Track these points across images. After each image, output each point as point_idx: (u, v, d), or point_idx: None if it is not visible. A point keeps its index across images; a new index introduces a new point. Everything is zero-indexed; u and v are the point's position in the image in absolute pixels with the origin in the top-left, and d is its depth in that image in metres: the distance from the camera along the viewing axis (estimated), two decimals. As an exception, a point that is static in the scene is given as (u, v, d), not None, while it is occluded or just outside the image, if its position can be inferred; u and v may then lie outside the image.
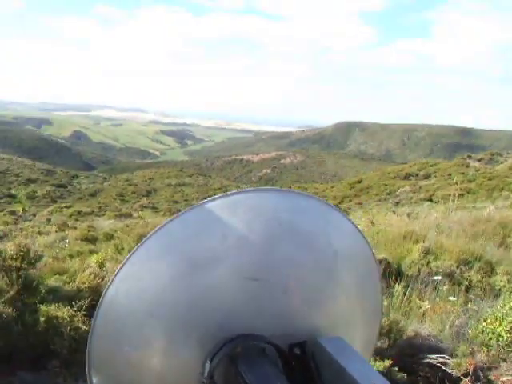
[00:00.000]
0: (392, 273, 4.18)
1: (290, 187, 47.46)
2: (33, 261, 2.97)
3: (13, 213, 21.93)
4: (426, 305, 3.62)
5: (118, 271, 0.78)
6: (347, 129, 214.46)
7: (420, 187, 30.33)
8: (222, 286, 0.77)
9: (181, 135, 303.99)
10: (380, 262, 4.09)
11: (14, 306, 2.71)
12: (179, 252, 0.78)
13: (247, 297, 0.78)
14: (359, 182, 42.35)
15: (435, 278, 4.01)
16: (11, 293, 2.81)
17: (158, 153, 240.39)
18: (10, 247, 2.99)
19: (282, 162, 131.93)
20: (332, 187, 44.14)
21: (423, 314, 3.54)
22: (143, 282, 0.77)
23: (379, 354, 2.68)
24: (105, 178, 63.35)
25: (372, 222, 8.66)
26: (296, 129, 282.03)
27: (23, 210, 23.74)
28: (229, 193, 0.82)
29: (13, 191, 42.48)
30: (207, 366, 0.73)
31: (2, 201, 34.45)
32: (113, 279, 0.78)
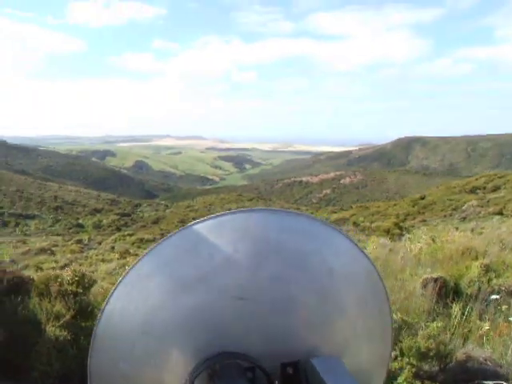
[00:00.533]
0: (449, 292, 4.02)
1: (351, 207, 46.93)
2: (87, 285, 3.10)
3: (79, 241, 22.91)
4: (486, 326, 3.44)
5: (113, 291, 0.80)
6: (407, 144, 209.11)
7: (488, 201, 28.95)
8: (209, 305, 0.78)
9: (239, 160, 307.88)
10: (435, 280, 3.95)
11: (69, 330, 2.84)
12: (168, 272, 0.81)
13: (234, 316, 0.79)
14: (422, 198, 41.00)
15: (494, 296, 3.81)
16: (67, 317, 2.95)
17: (217, 178, 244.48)
18: (66, 273, 3.15)
19: (341, 181, 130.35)
20: (394, 205, 43.00)
21: (483, 336, 3.37)
22: (135, 302, 0.80)
23: (429, 379, 2.57)
24: (166, 206, 64.93)
25: (433, 240, 8.38)
26: (354, 147, 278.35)
27: (89, 238, 24.77)
28: (217, 214, 0.84)
29: (80, 221, 44.37)
30: (189, 382, 0.74)
31: (71, 230, 36.00)
32: (108, 299, 0.81)
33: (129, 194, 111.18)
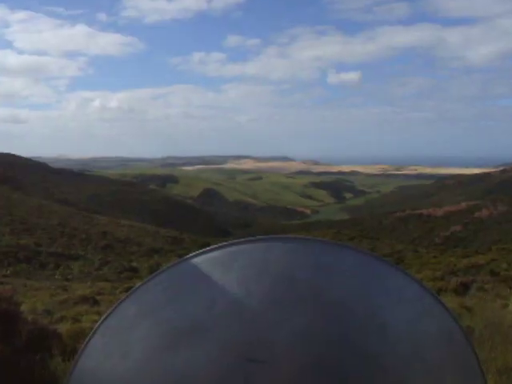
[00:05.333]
0: None
1: (490, 249, 44.48)
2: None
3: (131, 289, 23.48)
4: None
5: (86, 344, 0.80)
6: None
7: None
8: (206, 366, 0.75)
9: (337, 187, 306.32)
10: None
11: None
12: (155, 321, 0.79)
13: (240, 383, 0.74)
14: None
15: None
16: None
17: (308, 211, 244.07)
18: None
19: (476, 215, 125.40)
20: (552, 248, 40.50)
21: None
22: (112, 359, 0.78)
23: None
24: (242, 245, 65.38)
25: None
26: (494, 168, 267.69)
27: (143, 286, 25.20)
28: (227, 243, 0.82)
29: (134, 263, 45.61)
30: None
31: (122, 275, 37.04)
32: (79, 355, 0.80)
33: (195, 231, 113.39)
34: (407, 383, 0.76)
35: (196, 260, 0.81)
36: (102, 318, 0.82)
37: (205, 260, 0.81)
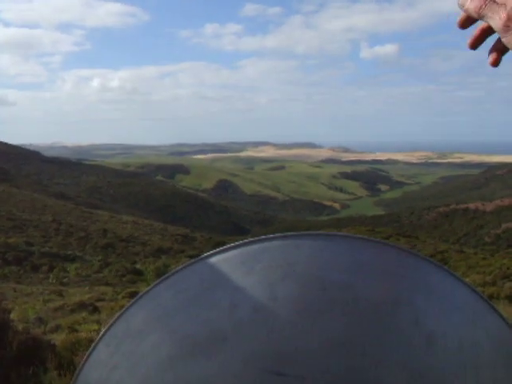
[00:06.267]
0: None
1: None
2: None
3: (135, 295, 23.61)
4: None
5: (88, 356, 0.80)
6: None
7: None
8: (226, 381, 0.74)
9: (370, 178, 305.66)
10: None
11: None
12: (168, 328, 0.79)
13: None
14: None
15: None
16: None
17: (337, 205, 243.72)
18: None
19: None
20: None
21: None
22: (119, 372, 0.78)
23: None
24: (262, 245, 65.39)
25: None
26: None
27: (149, 291, 25.31)
28: (250, 240, 0.82)
29: (138, 265, 45.79)
30: None
31: (125, 279, 37.24)
32: (81, 367, 0.80)
33: (208, 228, 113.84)
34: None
35: (212, 260, 0.81)
36: (107, 326, 0.82)
37: (223, 260, 0.81)
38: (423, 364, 0.75)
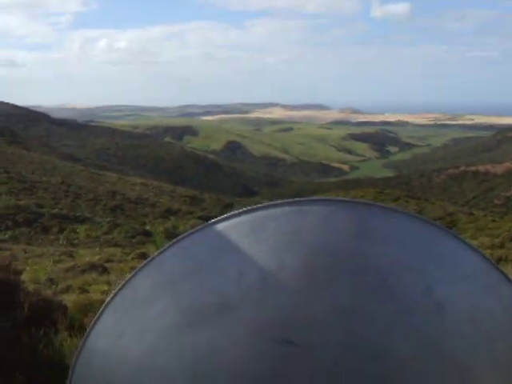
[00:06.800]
0: None
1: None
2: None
3: (144, 256, 23.72)
4: None
5: (96, 321, 0.80)
6: None
7: None
8: (233, 349, 0.73)
9: (380, 139, 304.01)
10: None
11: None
12: (175, 295, 0.79)
13: (276, 370, 0.72)
14: None
15: None
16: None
17: (346, 167, 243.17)
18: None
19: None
20: None
21: None
22: (126, 339, 0.78)
23: None
24: (270, 207, 65.54)
25: None
26: None
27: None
28: (256, 206, 0.81)
29: (148, 227, 45.98)
30: None
31: (134, 240, 37.44)
32: (88, 334, 0.80)
33: (217, 190, 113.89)
34: (470, 371, 0.73)
35: (220, 226, 0.79)
36: (114, 293, 0.82)
37: (230, 226, 0.79)
38: (434, 332, 0.74)
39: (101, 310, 0.81)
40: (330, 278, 0.74)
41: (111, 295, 0.82)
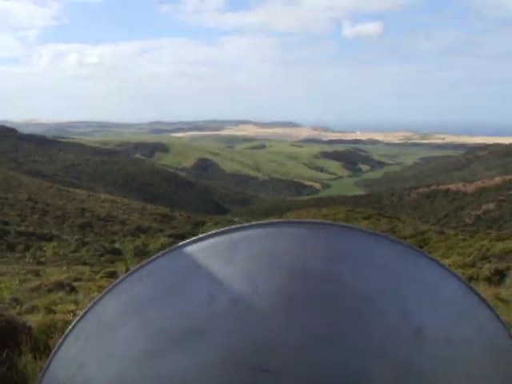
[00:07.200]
0: None
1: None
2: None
3: (113, 274, 23.50)
4: None
5: (56, 350, 0.77)
6: None
7: None
8: (202, 376, 0.70)
9: (351, 157, 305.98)
10: None
11: None
12: (141, 321, 0.76)
13: None
14: None
15: None
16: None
17: (318, 185, 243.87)
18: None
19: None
20: None
21: None
22: (88, 369, 0.75)
23: None
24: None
25: None
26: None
27: (127, 269, 25.32)
28: (227, 228, 0.80)
29: (117, 245, 45.66)
30: None
31: (103, 258, 37.19)
32: (49, 363, 0.77)
33: (188, 207, 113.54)
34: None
35: (191, 248, 0.78)
36: (77, 319, 0.78)
37: (200, 249, 0.78)
38: (412, 358, 0.73)
39: (62, 337, 0.79)
40: (305, 302, 0.73)
41: (74, 321, 0.79)
